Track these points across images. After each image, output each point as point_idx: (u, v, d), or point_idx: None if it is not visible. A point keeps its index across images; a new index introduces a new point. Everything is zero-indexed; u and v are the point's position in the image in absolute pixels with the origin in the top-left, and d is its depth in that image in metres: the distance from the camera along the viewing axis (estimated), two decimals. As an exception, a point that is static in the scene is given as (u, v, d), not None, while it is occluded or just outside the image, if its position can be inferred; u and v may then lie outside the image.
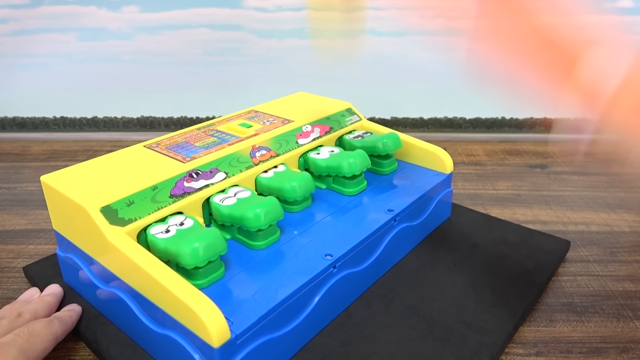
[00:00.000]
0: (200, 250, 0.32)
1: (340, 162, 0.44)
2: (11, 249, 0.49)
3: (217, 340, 0.28)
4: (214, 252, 0.33)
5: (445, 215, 0.50)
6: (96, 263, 0.35)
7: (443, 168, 0.48)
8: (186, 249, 0.32)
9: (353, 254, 0.38)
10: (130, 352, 0.34)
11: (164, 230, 0.34)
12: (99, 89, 0.77)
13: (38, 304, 0.36)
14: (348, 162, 0.43)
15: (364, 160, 0.44)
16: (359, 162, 0.44)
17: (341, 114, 0.52)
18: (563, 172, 0.65)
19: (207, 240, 0.33)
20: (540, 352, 0.36)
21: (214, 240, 0.33)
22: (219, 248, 0.33)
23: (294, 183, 0.40)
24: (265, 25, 0.73)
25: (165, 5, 0.72)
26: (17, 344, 0.30)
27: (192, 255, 0.32)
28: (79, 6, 0.72)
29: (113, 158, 0.40)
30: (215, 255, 0.33)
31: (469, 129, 0.79)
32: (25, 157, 0.72)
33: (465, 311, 0.38)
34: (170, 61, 0.76)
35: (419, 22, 0.73)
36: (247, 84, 0.76)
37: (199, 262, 0.32)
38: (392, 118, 0.79)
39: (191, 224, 0.35)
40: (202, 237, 0.33)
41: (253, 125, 0.47)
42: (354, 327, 0.36)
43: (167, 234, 0.34)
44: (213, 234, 0.33)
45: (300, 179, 0.41)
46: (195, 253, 0.32)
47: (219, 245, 0.33)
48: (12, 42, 0.74)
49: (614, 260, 0.47)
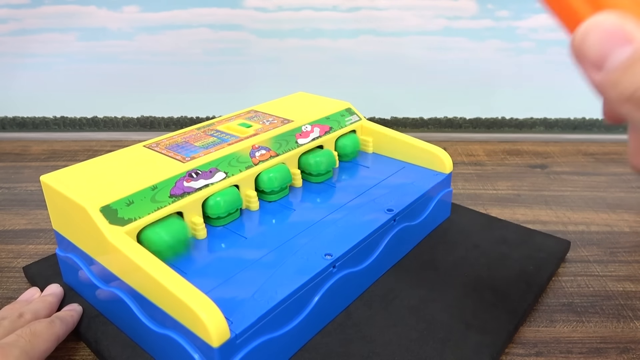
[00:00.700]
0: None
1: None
2: (11, 249, 0.49)
3: (216, 339, 0.28)
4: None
5: (444, 215, 0.50)
6: (96, 263, 0.35)
7: (442, 168, 0.48)
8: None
9: (353, 253, 0.38)
10: (130, 352, 0.34)
11: None
12: (99, 89, 0.77)
13: (39, 304, 0.36)
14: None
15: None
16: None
17: (341, 114, 0.52)
18: (563, 172, 0.65)
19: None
20: (540, 352, 0.36)
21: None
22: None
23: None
24: (265, 25, 0.73)
25: (165, 5, 0.72)
26: (20, 345, 0.30)
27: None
28: (79, 6, 0.72)
29: (113, 158, 0.40)
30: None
31: (469, 129, 0.79)
32: (25, 157, 0.72)
33: (465, 311, 0.38)
34: (170, 61, 0.76)
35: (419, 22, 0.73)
36: (247, 84, 0.76)
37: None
38: (392, 118, 0.79)
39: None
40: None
41: (253, 125, 0.47)
42: (354, 327, 0.36)
43: None
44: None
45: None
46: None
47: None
48: (13, 42, 0.74)
49: (614, 261, 0.47)
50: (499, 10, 0.72)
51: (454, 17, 0.72)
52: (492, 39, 0.73)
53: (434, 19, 0.73)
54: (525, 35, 0.73)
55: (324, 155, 0.47)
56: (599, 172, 0.66)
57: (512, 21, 0.72)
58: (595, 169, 0.67)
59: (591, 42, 0.19)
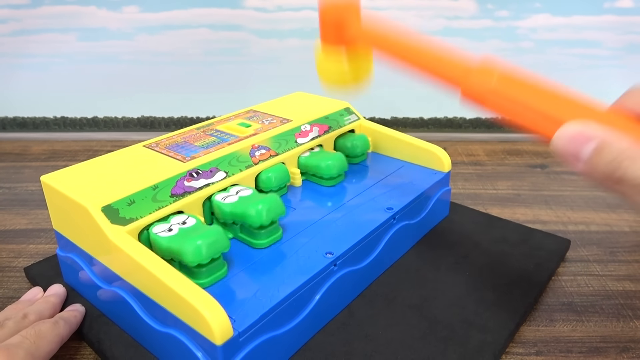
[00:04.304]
0: (204, 248, 0.32)
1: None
2: (12, 249, 0.49)
3: (219, 338, 0.28)
4: (217, 250, 0.33)
5: (443, 213, 0.50)
6: (97, 263, 0.35)
7: (441, 167, 0.49)
8: (189, 246, 0.32)
9: (353, 252, 0.38)
10: (133, 352, 0.34)
11: (166, 229, 0.35)
12: (99, 89, 0.77)
13: (42, 305, 0.36)
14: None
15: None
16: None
17: (339, 113, 0.52)
18: (563, 172, 0.66)
19: (210, 238, 0.33)
20: (540, 352, 0.36)
21: (216, 237, 0.33)
22: (222, 245, 0.33)
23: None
24: (265, 25, 0.74)
25: (165, 5, 0.72)
26: (25, 346, 0.30)
27: (195, 252, 0.32)
28: (79, 6, 0.72)
29: (113, 158, 0.40)
30: (218, 252, 0.33)
31: (469, 129, 0.79)
32: (25, 157, 0.72)
33: (467, 310, 0.38)
34: (170, 61, 0.76)
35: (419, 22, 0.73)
36: (247, 84, 0.77)
37: (203, 259, 0.32)
38: (392, 118, 0.79)
39: (194, 223, 0.35)
40: (205, 235, 0.33)
41: (252, 124, 0.47)
42: (356, 326, 0.36)
43: (169, 232, 0.34)
44: (216, 231, 0.33)
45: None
46: (199, 251, 0.32)
47: (221, 243, 0.33)
48: (12, 42, 0.74)
49: (614, 260, 0.47)
50: (498, 10, 0.72)
51: (453, 17, 0.72)
52: (492, 39, 0.73)
53: (433, 19, 0.73)
54: (525, 35, 0.73)
55: (336, 158, 0.46)
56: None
57: (512, 21, 0.72)
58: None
59: (564, 146, 0.26)
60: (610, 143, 0.24)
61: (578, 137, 0.25)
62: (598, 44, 0.73)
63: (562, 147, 0.26)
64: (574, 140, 0.25)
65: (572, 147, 0.25)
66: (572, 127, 0.26)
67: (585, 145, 0.25)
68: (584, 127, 0.25)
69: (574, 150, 0.25)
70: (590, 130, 0.25)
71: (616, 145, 0.24)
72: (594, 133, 0.25)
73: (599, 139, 0.24)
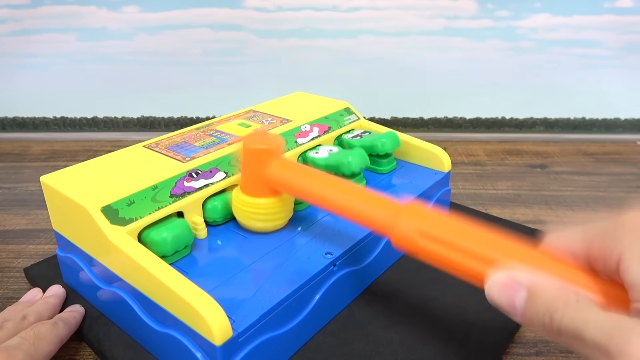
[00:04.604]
0: None
1: (339, 160, 0.44)
2: (11, 249, 0.49)
3: (219, 338, 0.28)
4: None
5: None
6: (97, 263, 0.35)
7: (441, 167, 0.49)
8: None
9: (353, 252, 0.38)
10: (132, 353, 0.34)
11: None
12: (99, 89, 0.77)
13: (42, 306, 0.36)
14: (347, 161, 0.43)
15: (363, 159, 0.45)
16: (358, 160, 0.44)
17: (339, 114, 0.52)
18: (563, 172, 0.66)
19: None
20: (540, 352, 0.36)
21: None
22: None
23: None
24: (265, 25, 0.74)
25: (165, 5, 0.72)
26: (24, 348, 0.30)
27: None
28: (79, 6, 0.72)
29: (113, 158, 0.40)
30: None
31: (469, 129, 0.79)
32: (25, 157, 0.72)
33: (467, 310, 0.38)
34: (170, 61, 0.76)
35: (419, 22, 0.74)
36: (247, 84, 0.77)
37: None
38: (392, 118, 0.79)
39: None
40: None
41: (252, 125, 0.47)
42: (356, 326, 0.36)
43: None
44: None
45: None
46: None
47: None
48: (12, 42, 0.74)
49: (614, 260, 0.47)
50: (498, 10, 0.72)
51: (453, 17, 0.72)
52: (492, 39, 0.73)
53: (434, 19, 0.73)
54: (525, 35, 0.73)
55: (357, 155, 0.46)
56: (599, 172, 0.66)
57: (512, 21, 0.72)
58: (595, 169, 0.67)
59: (497, 296, 0.24)
60: (538, 292, 0.22)
61: (509, 284, 0.23)
62: (598, 44, 0.73)
63: (496, 299, 0.24)
64: (506, 289, 0.23)
65: (506, 297, 0.23)
66: (500, 275, 0.24)
67: (517, 293, 0.23)
68: (512, 272, 0.24)
69: (509, 301, 0.23)
70: (519, 276, 0.23)
71: (544, 293, 0.22)
72: (522, 278, 0.23)
73: (527, 286, 0.23)
